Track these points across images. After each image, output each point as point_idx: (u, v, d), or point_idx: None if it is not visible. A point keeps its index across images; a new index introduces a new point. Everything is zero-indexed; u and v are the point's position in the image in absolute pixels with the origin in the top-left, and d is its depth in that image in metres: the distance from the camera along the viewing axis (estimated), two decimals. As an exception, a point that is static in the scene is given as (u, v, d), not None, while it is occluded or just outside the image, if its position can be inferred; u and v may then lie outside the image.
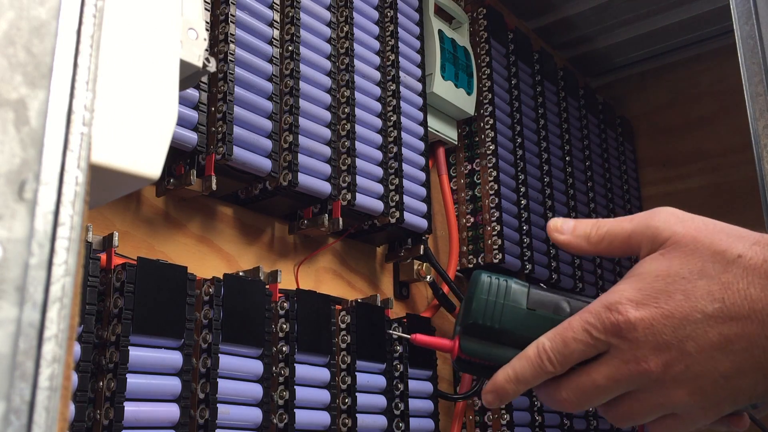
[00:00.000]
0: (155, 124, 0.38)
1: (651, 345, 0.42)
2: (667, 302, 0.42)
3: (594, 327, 0.43)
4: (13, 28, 0.26)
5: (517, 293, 0.49)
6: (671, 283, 0.42)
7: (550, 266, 1.12)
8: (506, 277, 0.50)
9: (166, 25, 0.40)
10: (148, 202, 0.71)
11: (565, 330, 0.45)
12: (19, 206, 0.25)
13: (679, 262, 0.43)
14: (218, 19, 0.72)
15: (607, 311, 0.43)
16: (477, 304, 0.48)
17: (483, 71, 1.09)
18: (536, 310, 0.48)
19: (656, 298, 0.42)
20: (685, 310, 0.41)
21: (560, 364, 0.45)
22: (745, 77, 0.52)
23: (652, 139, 1.54)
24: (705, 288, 0.41)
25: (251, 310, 0.67)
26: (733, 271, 0.41)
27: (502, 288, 0.49)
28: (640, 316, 0.42)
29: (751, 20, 0.52)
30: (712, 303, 0.41)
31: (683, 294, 0.42)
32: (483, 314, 0.48)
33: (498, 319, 0.48)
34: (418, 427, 0.83)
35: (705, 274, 0.42)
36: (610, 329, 0.43)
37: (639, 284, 0.43)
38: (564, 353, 0.44)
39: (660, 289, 0.43)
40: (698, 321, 0.41)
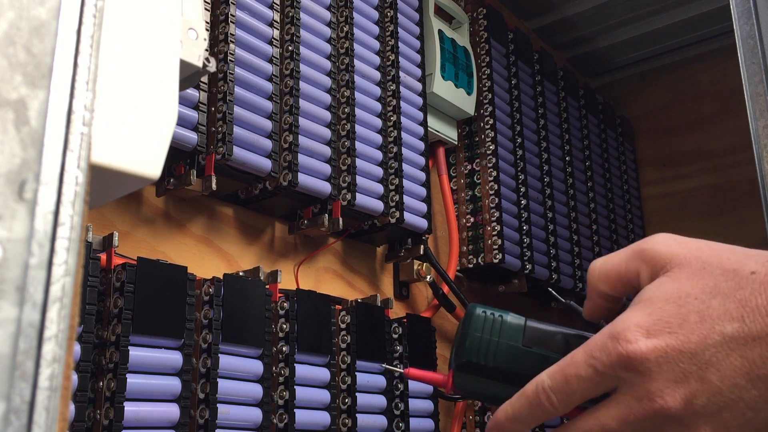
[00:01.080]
0: (155, 124, 0.38)
1: (667, 377, 0.37)
2: (682, 327, 0.37)
3: (599, 361, 0.39)
4: (13, 28, 0.26)
5: (512, 329, 0.46)
6: (683, 305, 0.38)
7: (550, 266, 1.12)
8: (501, 311, 0.47)
9: (166, 25, 0.40)
10: (148, 202, 0.71)
11: (568, 366, 0.40)
12: (19, 206, 0.25)
13: (689, 283, 0.38)
14: (218, 19, 0.72)
15: (614, 341, 0.38)
16: (470, 342, 0.46)
17: (483, 71, 1.09)
18: (532, 347, 0.46)
19: (668, 322, 0.38)
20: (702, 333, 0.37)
21: (561, 403, 0.40)
22: (745, 77, 0.52)
23: (652, 139, 1.54)
24: (721, 307, 0.37)
25: (251, 310, 0.67)
26: (748, 287, 0.37)
27: (497, 324, 0.46)
28: (653, 345, 0.37)
29: (751, 20, 0.52)
30: (731, 323, 0.36)
31: (698, 315, 0.37)
32: (476, 352, 0.46)
33: (492, 358, 0.45)
34: (418, 427, 0.83)
35: (719, 293, 0.37)
36: (618, 362, 0.38)
37: (648, 309, 0.38)
38: (565, 392, 0.40)
39: (672, 312, 0.38)
40: (718, 344, 0.36)
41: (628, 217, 1.43)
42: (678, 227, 1.45)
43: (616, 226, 1.36)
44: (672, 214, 1.48)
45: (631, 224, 1.43)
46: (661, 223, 1.49)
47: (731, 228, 1.38)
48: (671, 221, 1.48)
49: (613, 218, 1.36)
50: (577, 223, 1.22)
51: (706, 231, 1.42)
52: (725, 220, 1.40)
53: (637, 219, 1.46)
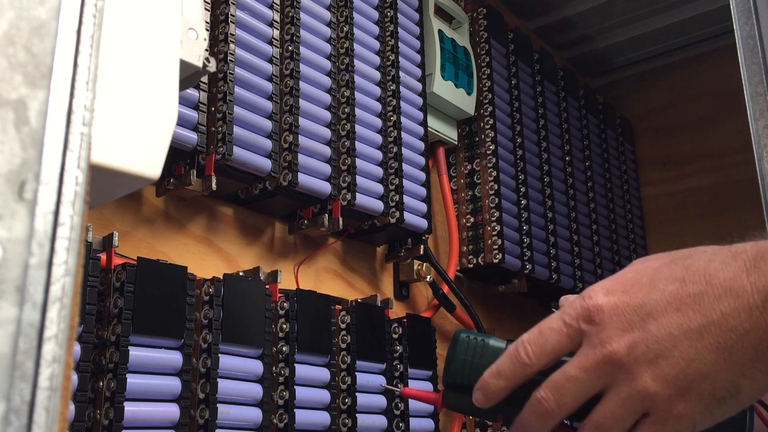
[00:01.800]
0: (155, 124, 0.38)
1: (616, 326, 0.43)
2: (633, 287, 0.44)
3: (567, 314, 0.45)
4: (13, 28, 0.26)
5: (493, 352, 0.50)
6: (640, 272, 0.45)
7: (550, 266, 1.12)
8: (485, 335, 0.51)
9: (166, 25, 0.40)
10: (148, 202, 0.71)
11: (543, 322, 0.46)
12: (19, 206, 0.25)
13: (652, 261, 0.46)
14: (218, 19, 0.72)
15: (581, 299, 0.45)
16: (455, 365, 0.50)
17: (483, 71, 1.09)
18: None
19: (624, 284, 0.44)
20: (647, 291, 0.43)
21: (536, 355, 0.45)
22: (745, 77, 0.52)
23: (652, 139, 1.54)
24: (668, 272, 0.43)
25: (251, 310, 0.67)
26: (696, 256, 0.43)
27: (480, 347, 0.50)
28: (608, 300, 0.44)
29: (751, 20, 0.52)
30: (673, 283, 0.43)
31: (648, 279, 0.44)
32: (461, 373, 0.50)
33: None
34: (418, 427, 0.83)
35: (671, 263, 0.44)
36: (582, 314, 0.44)
37: (613, 277, 0.46)
38: (539, 342, 0.45)
39: (630, 278, 0.45)
40: (659, 300, 0.42)
41: (628, 217, 1.43)
42: (678, 227, 1.46)
43: (616, 226, 1.36)
44: (672, 214, 1.48)
45: (631, 224, 1.43)
46: (661, 223, 1.49)
47: (731, 228, 1.38)
48: (671, 221, 1.48)
49: (613, 218, 1.36)
50: (577, 223, 1.22)
51: (706, 231, 1.42)
52: (725, 220, 1.40)
53: (637, 219, 1.46)
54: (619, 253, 1.34)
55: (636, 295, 0.44)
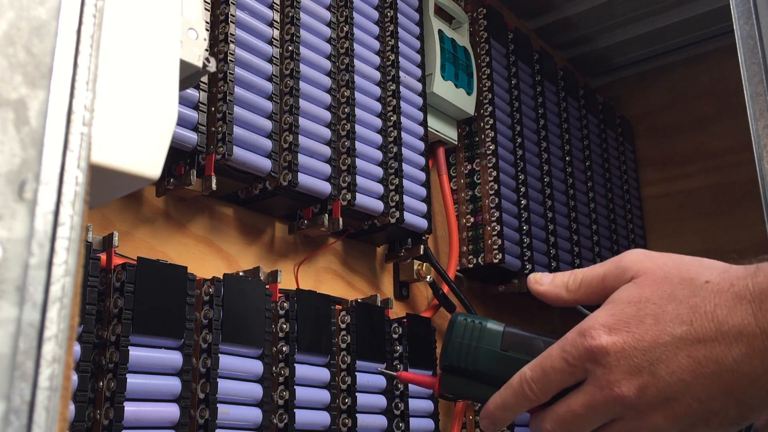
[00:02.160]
0: (155, 124, 0.38)
1: (623, 369, 0.42)
2: (638, 327, 0.43)
3: (570, 354, 0.44)
4: (13, 28, 0.26)
5: (491, 335, 0.50)
6: (642, 308, 0.43)
7: (550, 266, 1.12)
8: (482, 318, 0.51)
9: (166, 25, 0.40)
10: (148, 202, 0.71)
11: (545, 359, 0.46)
12: (19, 206, 0.25)
13: (650, 290, 0.44)
14: (218, 19, 0.72)
15: (581, 337, 0.44)
16: (452, 348, 0.50)
17: (483, 71, 1.09)
18: (509, 351, 0.49)
19: (627, 323, 0.43)
20: (654, 333, 0.42)
21: (541, 392, 0.46)
22: (745, 77, 0.52)
23: (652, 139, 1.54)
24: (674, 312, 0.42)
25: (251, 310, 0.67)
26: (701, 295, 0.42)
27: (477, 330, 0.50)
28: (612, 340, 0.43)
29: (751, 20, 0.52)
30: (680, 326, 0.41)
31: (653, 318, 0.42)
32: (458, 357, 0.50)
33: (472, 362, 0.49)
34: (418, 427, 0.83)
35: (674, 299, 0.42)
36: (585, 355, 0.43)
37: (612, 310, 0.44)
38: (543, 381, 0.45)
39: (631, 314, 0.43)
40: (667, 344, 0.42)
41: (628, 217, 1.43)
42: (678, 227, 1.45)
43: (616, 226, 1.36)
44: (672, 214, 1.48)
45: (631, 224, 1.43)
46: (661, 223, 1.49)
47: (731, 228, 1.38)
48: (671, 221, 1.48)
49: (613, 218, 1.36)
50: (577, 223, 1.22)
51: (706, 231, 1.42)
52: (725, 220, 1.40)
53: (637, 219, 1.46)
54: (619, 253, 1.34)
55: (642, 336, 0.42)
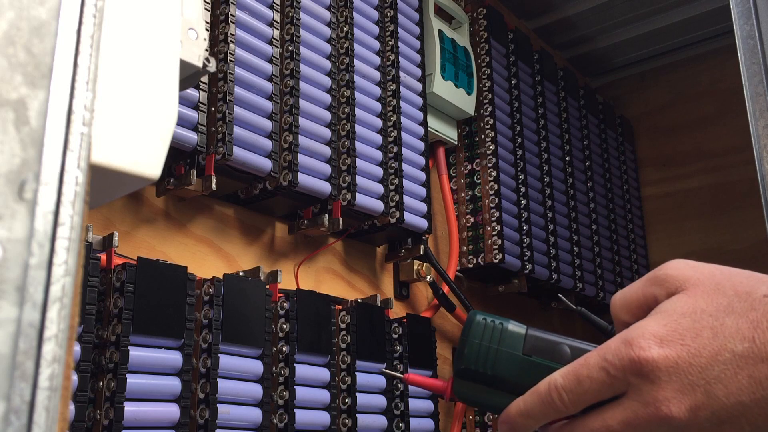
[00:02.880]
0: (155, 124, 0.38)
1: (675, 387, 0.38)
2: (694, 340, 0.38)
3: (611, 364, 0.40)
4: (13, 28, 0.26)
5: (512, 337, 0.46)
6: (698, 320, 0.39)
7: (550, 266, 1.12)
8: (502, 319, 0.47)
9: (166, 25, 0.40)
10: (148, 202, 0.71)
11: (580, 366, 0.41)
12: (19, 206, 0.25)
13: (704, 300, 0.40)
14: (218, 19, 0.72)
15: (627, 346, 0.39)
16: (470, 349, 0.46)
17: (483, 71, 1.09)
18: (532, 356, 0.46)
19: (682, 335, 0.39)
20: (713, 349, 0.38)
21: (572, 403, 0.41)
22: (745, 77, 0.52)
23: (652, 139, 1.54)
24: (734, 326, 0.38)
25: (251, 310, 0.67)
26: (761, 309, 0.38)
27: (497, 331, 0.46)
28: (665, 354, 0.38)
29: (751, 20, 0.52)
30: (742, 342, 0.38)
31: (711, 331, 0.38)
32: (476, 360, 0.46)
33: (491, 366, 0.45)
34: (418, 427, 0.83)
35: (732, 311, 0.39)
36: (630, 367, 0.39)
37: (663, 320, 0.40)
38: (577, 392, 0.41)
39: (687, 326, 0.39)
40: (728, 362, 0.38)
41: (628, 217, 1.43)
42: (678, 227, 1.45)
43: (616, 226, 1.36)
44: (672, 214, 1.48)
45: (631, 224, 1.43)
46: (661, 223, 1.49)
47: (731, 228, 1.38)
48: (671, 221, 1.48)
49: (613, 218, 1.36)
50: (577, 223, 1.22)
51: (706, 231, 1.42)
52: (725, 220, 1.40)
53: (637, 219, 1.46)
54: (619, 253, 1.34)
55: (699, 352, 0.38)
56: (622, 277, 1.33)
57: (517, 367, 0.45)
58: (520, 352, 0.46)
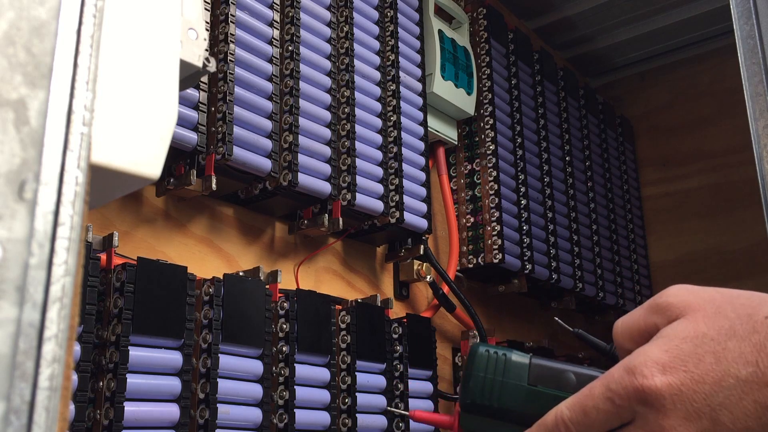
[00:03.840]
0: (155, 124, 0.38)
1: (680, 414, 0.38)
2: (697, 366, 0.38)
3: (616, 394, 0.40)
4: (13, 28, 0.26)
5: (517, 368, 0.46)
6: (700, 345, 0.39)
7: (550, 266, 1.12)
8: (506, 349, 0.47)
9: (166, 25, 0.40)
10: (148, 202, 0.71)
11: (586, 398, 0.41)
12: (19, 206, 0.25)
13: (705, 325, 0.39)
14: (218, 19, 0.72)
15: (630, 375, 0.39)
16: (474, 383, 0.46)
17: (483, 71, 1.09)
18: (538, 386, 0.46)
19: (684, 361, 0.39)
20: (717, 374, 0.38)
21: None
22: (745, 77, 0.52)
23: (652, 139, 1.54)
24: (736, 350, 0.38)
25: (251, 310, 0.67)
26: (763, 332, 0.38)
27: (501, 363, 0.46)
28: (668, 381, 0.38)
29: (751, 20, 0.52)
30: (746, 366, 0.37)
31: (714, 356, 0.38)
32: (481, 393, 0.46)
33: (497, 398, 0.45)
34: (419, 427, 0.83)
35: (734, 335, 0.38)
36: (634, 395, 0.39)
37: (665, 346, 0.40)
38: (584, 423, 0.41)
39: (689, 351, 0.39)
40: (732, 387, 0.37)
41: (628, 217, 1.43)
42: (678, 227, 1.46)
43: (616, 226, 1.36)
44: (672, 214, 1.48)
45: (631, 224, 1.43)
46: (661, 223, 1.49)
47: (731, 228, 1.38)
48: (671, 221, 1.48)
49: (613, 218, 1.36)
50: (577, 223, 1.22)
51: (706, 231, 1.42)
52: (725, 220, 1.40)
53: (637, 219, 1.46)
54: (619, 253, 1.34)
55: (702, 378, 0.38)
56: (622, 277, 1.33)
57: (522, 397, 0.45)
58: (525, 382, 0.46)
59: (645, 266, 1.44)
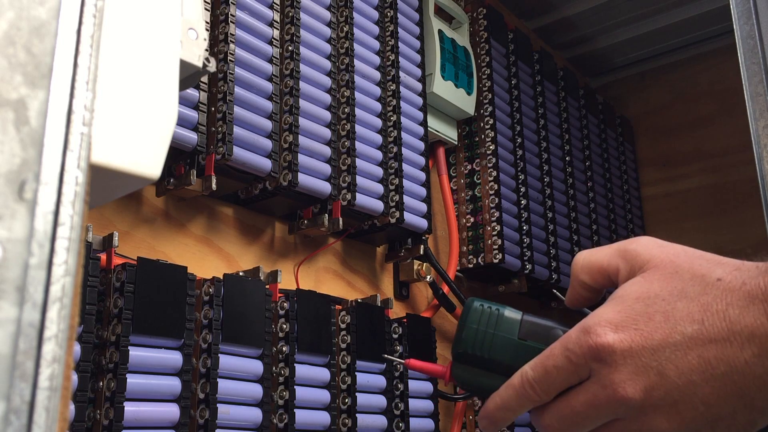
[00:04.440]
0: (155, 124, 0.38)
1: (630, 369, 0.40)
2: (647, 324, 0.41)
3: (573, 352, 0.42)
4: (13, 28, 0.26)
5: (508, 322, 0.48)
6: (650, 305, 0.41)
7: (549, 266, 1.12)
8: (499, 305, 0.49)
9: (166, 25, 0.40)
10: (148, 202, 0.71)
11: (547, 358, 0.44)
12: (19, 206, 0.25)
13: (659, 285, 0.42)
14: (218, 19, 0.72)
15: (585, 335, 0.42)
16: (467, 333, 0.48)
17: (483, 71, 1.09)
18: (527, 340, 0.47)
19: (635, 320, 0.41)
20: (664, 332, 0.40)
21: (544, 392, 0.44)
22: (745, 77, 0.52)
23: (652, 139, 1.54)
24: (685, 310, 0.40)
25: (251, 310, 0.67)
26: (712, 293, 0.40)
27: (494, 317, 0.48)
28: (619, 338, 0.41)
29: (751, 20, 0.52)
30: (692, 324, 0.40)
31: (663, 315, 0.41)
32: (473, 343, 0.48)
33: (488, 349, 0.47)
34: (418, 427, 0.83)
35: (684, 296, 0.41)
36: (588, 353, 0.42)
37: (618, 306, 0.42)
38: (546, 381, 0.44)
39: (639, 311, 0.41)
40: (678, 344, 0.40)
41: (628, 217, 1.43)
42: (678, 227, 1.45)
43: (616, 226, 1.36)
44: (672, 214, 1.48)
45: (631, 224, 1.43)
46: (661, 223, 1.49)
47: (731, 228, 1.38)
48: (671, 221, 1.48)
49: (613, 218, 1.36)
50: (577, 223, 1.22)
51: (706, 231, 1.42)
52: (725, 220, 1.40)
53: (637, 219, 1.46)
54: (619, 253, 1.34)
55: (651, 335, 0.40)
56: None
57: (512, 350, 0.47)
58: (515, 336, 0.48)
59: (645, 266, 1.44)
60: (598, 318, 0.42)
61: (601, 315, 0.42)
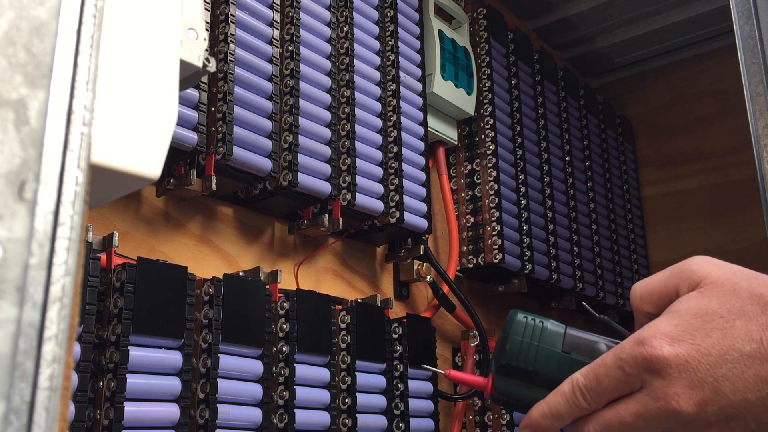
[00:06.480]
0: (155, 124, 0.38)
1: (684, 383, 0.40)
2: (704, 340, 0.41)
3: (626, 362, 0.42)
4: (13, 28, 0.26)
5: (552, 335, 0.48)
6: (709, 321, 0.41)
7: (550, 266, 1.12)
8: (542, 317, 0.49)
9: (166, 25, 0.40)
10: (148, 202, 0.71)
11: (599, 366, 0.44)
12: (19, 206, 0.25)
13: (717, 302, 0.42)
14: (218, 19, 0.72)
15: (639, 346, 0.42)
16: (511, 345, 0.48)
17: (483, 71, 1.09)
18: (571, 353, 0.47)
19: (693, 334, 0.41)
20: (722, 348, 0.40)
21: (594, 400, 0.44)
22: (745, 77, 0.52)
23: (652, 139, 1.54)
24: (743, 328, 0.40)
25: (251, 310, 0.67)
26: None
27: (538, 329, 0.48)
28: (675, 352, 0.41)
29: (751, 20, 0.52)
30: (750, 343, 0.40)
31: (721, 332, 0.41)
32: (517, 356, 0.48)
33: (532, 361, 0.47)
34: (418, 427, 0.83)
35: (743, 314, 0.41)
36: (642, 364, 0.42)
37: (675, 320, 0.42)
38: (597, 390, 0.44)
39: (697, 326, 0.41)
40: (735, 360, 0.40)
41: (628, 217, 1.43)
42: (678, 227, 1.45)
43: (616, 226, 1.36)
44: (672, 214, 1.48)
45: (631, 224, 1.43)
46: (661, 223, 1.49)
47: (731, 228, 1.38)
48: (671, 221, 1.48)
49: (613, 218, 1.36)
50: (577, 223, 1.22)
51: (706, 231, 1.42)
52: (725, 220, 1.40)
53: (637, 219, 1.46)
54: (619, 252, 1.34)
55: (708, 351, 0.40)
56: (622, 277, 1.33)
57: (556, 363, 0.47)
58: (559, 349, 0.48)
59: (645, 266, 1.44)
60: (654, 330, 0.42)
61: (657, 327, 0.42)
